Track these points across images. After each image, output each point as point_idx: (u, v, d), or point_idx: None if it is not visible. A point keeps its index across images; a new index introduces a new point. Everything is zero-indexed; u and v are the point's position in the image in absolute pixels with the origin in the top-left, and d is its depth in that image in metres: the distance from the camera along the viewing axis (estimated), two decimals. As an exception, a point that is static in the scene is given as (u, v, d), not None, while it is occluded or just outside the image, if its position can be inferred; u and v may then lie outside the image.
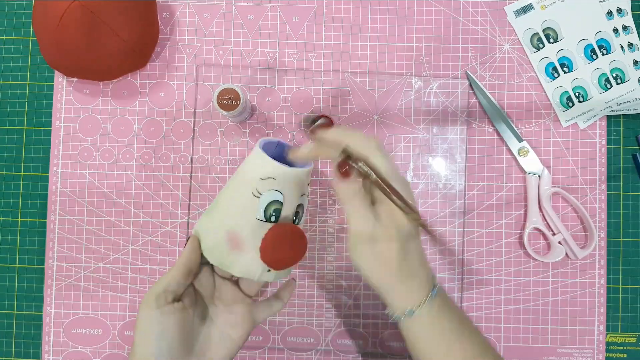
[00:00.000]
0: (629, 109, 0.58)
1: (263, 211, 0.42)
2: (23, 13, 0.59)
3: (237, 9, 0.59)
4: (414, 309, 0.41)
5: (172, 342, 0.41)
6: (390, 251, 0.40)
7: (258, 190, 0.42)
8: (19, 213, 0.58)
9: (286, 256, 0.41)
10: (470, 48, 0.59)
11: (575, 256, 0.56)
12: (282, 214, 0.42)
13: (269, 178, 0.42)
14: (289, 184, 0.42)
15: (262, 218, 0.42)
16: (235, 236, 0.42)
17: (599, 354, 0.57)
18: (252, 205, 0.42)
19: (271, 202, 0.42)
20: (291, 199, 0.43)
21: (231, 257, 0.43)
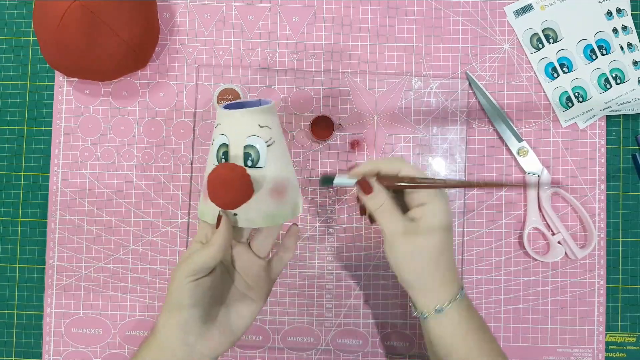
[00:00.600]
0: (629, 109, 0.58)
1: (215, 156, 0.44)
2: (23, 13, 0.59)
3: (237, 9, 0.59)
4: (443, 307, 0.44)
5: (203, 308, 0.43)
6: (428, 247, 0.44)
7: (213, 138, 0.45)
8: (20, 213, 0.58)
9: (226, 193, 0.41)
10: (470, 48, 0.59)
11: (574, 256, 0.56)
12: (229, 155, 0.43)
13: (218, 124, 0.45)
14: (232, 126, 0.43)
15: (216, 162, 0.44)
16: (203, 186, 0.45)
17: (599, 354, 0.57)
18: (211, 155, 0.45)
19: (220, 145, 0.44)
20: (237, 139, 0.43)
21: (204, 206, 0.45)
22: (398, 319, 0.57)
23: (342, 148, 0.58)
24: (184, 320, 0.42)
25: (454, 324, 0.44)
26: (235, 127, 0.43)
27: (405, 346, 0.57)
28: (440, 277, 0.44)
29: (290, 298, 0.57)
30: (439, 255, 0.44)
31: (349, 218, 0.58)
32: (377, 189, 0.45)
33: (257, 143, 0.43)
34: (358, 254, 0.57)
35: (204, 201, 0.45)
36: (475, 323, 0.45)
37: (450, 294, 0.44)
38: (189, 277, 0.42)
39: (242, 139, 0.43)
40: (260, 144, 0.43)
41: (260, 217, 0.43)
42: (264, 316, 0.57)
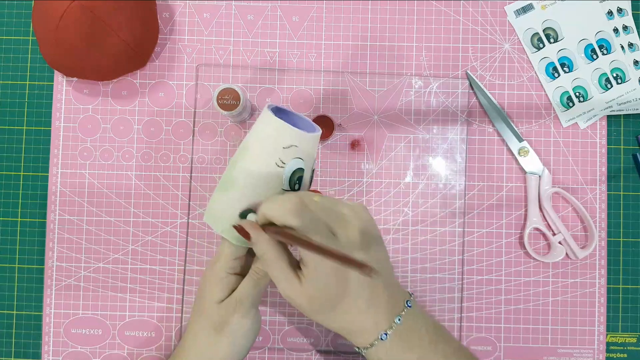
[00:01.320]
0: (630, 108, 0.58)
1: (288, 181, 0.41)
2: (23, 13, 0.59)
3: (237, 9, 0.59)
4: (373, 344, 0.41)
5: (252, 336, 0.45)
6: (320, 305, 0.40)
7: (282, 160, 0.40)
8: (19, 213, 0.58)
9: None
10: (470, 48, 0.59)
11: (575, 256, 0.56)
12: (303, 180, 0.42)
13: (292, 146, 0.40)
14: (309, 150, 0.42)
15: (287, 187, 0.41)
16: None
17: (599, 354, 0.57)
18: (276, 175, 0.40)
19: (296, 170, 0.41)
20: (309, 164, 0.42)
21: None
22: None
23: (342, 148, 0.58)
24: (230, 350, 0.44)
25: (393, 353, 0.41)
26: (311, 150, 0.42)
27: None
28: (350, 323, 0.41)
29: None
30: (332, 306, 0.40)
31: (349, 218, 0.58)
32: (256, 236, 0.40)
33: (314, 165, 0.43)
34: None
35: None
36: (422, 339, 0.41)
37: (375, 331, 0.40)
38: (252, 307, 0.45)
39: (312, 162, 0.42)
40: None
41: None
42: (264, 316, 0.57)
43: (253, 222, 0.40)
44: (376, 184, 0.58)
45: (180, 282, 0.57)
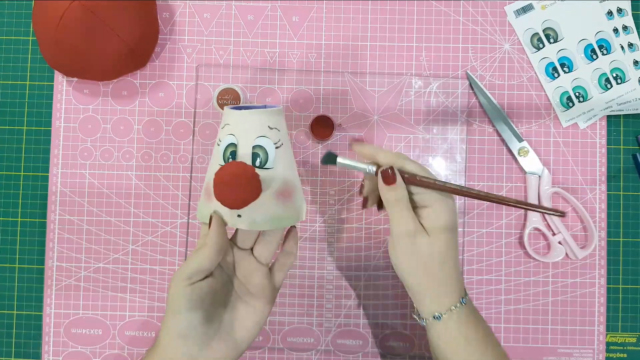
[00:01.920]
0: (629, 109, 0.58)
1: (222, 156, 0.43)
2: (23, 13, 0.59)
3: (237, 9, 0.59)
4: (442, 315, 0.44)
5: (202, 316, 0.41)
6: (432, 251, 0.43)
7: (219, 139, 0.44)
8: (19, 213, 0.58)
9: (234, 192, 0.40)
10: (470, 48, 0.59)
11: (575, 256, 0.56)
12: (237, 155, 0.43)
13: (226, 125, 0.44)
14: (242, 126, 0.43)
15: (222, 163, 0.43)
16: (207, 187, 0.44)
17: (599, 354, 0.57)
18: (218, 153, 0.44)
19: (227, 145, 0.43)
20: (246, 139, 0.43)
21: (207, 207, 0.44)
22: (398, 319, 0.57)
23: (342, 148, 0.58)
24: (183, 326, 0.41)
25: (453, 332, 0.43)
26: (246, 126, 0.43)
27: (405, 347, 0.57)
28: (441, 283, 0.44)
29: (290, 298, 0.57)
30: (441, 260, 0.43)
31: (349, 218, 0.58)
32: (400, 182, 0.44)
33: (266, 144, 0.43)
34: (358, 254, 0.57)
35: (205, 202, 0.44)
36: (477, 331, 0.44)
37: (450, 301, 0.44)
38: (185, 281, 0.41)
39: (251, 139, 0.43)
40: (269, 145, 0.43)
41: (265, 220, 0.42)
42: (263, 316, 0.57)
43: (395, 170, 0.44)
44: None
45: (181, 282, 0.57)
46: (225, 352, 0.43)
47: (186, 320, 0.41)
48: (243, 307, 0.45)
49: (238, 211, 0.42)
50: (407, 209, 0.44)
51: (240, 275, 0.45)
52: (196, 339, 0.41)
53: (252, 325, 0.44)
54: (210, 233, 0.42)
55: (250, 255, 0.46)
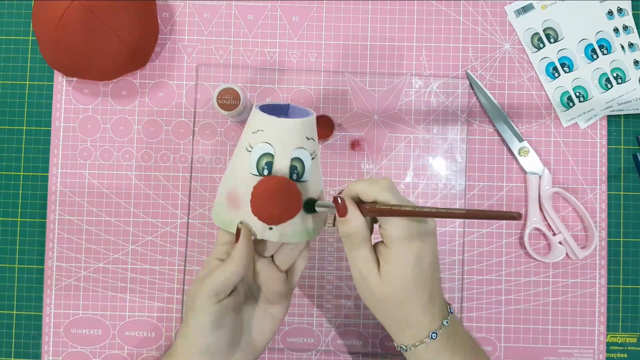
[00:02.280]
0: (630, 108, 0.58)
1: (255, 165, 0.41)
2: (23, 13, 0.59)
3: (237, 9, 0.59)
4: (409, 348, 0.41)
5: (228, 332, 0.41)
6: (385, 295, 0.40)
7: (250, 144, 0.41)
8: (19, 213, 0.58)
9: (275, 208, 0.39)
10: (470, 48, 0.59)
11: (575, 256, 0.56)
12: (274, 167, 0.40)
13: (259, 130, 0.41)
14: (280, 135, 0.40)
15: (255, 172, 0.41)
16: (233, 194, 0.42)
17: (600, 354, 0.57)
18: (246, 160, 0.41)
19: (262, 155, 0.40)
20: (284, 150, 0.40)
21: (231, 216, 0.42)
22: (398, 319, 0.57)
23: (342, 148, 0.58)
24: (206, 347, 0.40)
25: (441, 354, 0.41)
26: (285, 137, 0.40)
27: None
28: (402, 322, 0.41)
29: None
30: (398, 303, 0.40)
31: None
32: (352, 213, 0.39)
33: (304, 156, 0.41)
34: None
35: (228, 209, 0.42)
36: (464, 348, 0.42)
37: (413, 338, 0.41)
38: (212, 299, 0.39)
39: (290, 150, 0.40)
40: (306, 157, 0.41)
41: (295, 233, 0.41)
42: (263, 316, 0.57)
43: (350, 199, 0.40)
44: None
45: (180, 282, 0.57)
46: (245, 358, 0.43)
47: (213, 337, 0.40)
48: (261, 315, 0.44)
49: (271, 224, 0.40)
50: (359, 247, 0.40)
51: (261, 283, 0.44)
52: (220, 354, 0.41)
53: (269, 330, 0.44)
54: (238, 247, 0.40)
55: (271, 262, 0.45)
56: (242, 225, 0.41)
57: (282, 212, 0.39)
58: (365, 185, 0.40)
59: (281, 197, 0.39)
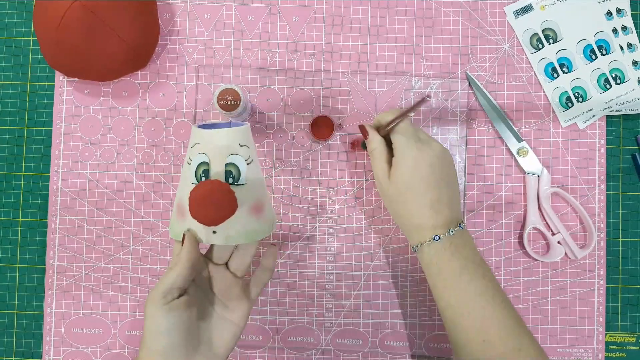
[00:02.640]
0: (628, 109, 0.58)
1: (194, 174, 0.44)
2: (23, 13, 0.59)
3: (237, 10, 0.59)
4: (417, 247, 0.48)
5: (181, 334, 0.42)
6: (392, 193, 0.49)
7: (190, 158, 0.45)
8: (20, 213, 0.58)
9: (210, 209, 0.41)
10: (470, 48, 0.59)
11: (574, 256, 0.56)
12: (210, 173, 0.44)
13: (196, 144, 0.45)
14: (213, 144, 0.44)
15: (195, 181, 0.44)
16: (180, 205, 0.45)
17: (599, 354, 0.57)
18: (189, 173, 0.45)
19: (199, 164, 0.44)
20: (218, 158, 0.44)
21: (180, 226, 0.45)
22: (398, 319, 0.57)
23: (342, 148, 0.58)
24: (163, 345, 0.41)
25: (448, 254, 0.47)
26: (217, 145, 0.44)
27: (405, 346, 0.57)
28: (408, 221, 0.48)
29: (290, 298, 0.57)
30: (403, 201, 0.48)
31: (349, 218, 0.58)
32: (372, 135, 0.51)
33: (238, 161, 0.44)
34: (358, 254, 0.57)
35: (178, 220, 0.45)
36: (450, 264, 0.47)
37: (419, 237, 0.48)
38: (160, 300, 0.41)
39: (223, 157, 0.44)
40: (240, 162, 0.44)
41: (239, 234, 0.44)
42: (264, 316, 0.57)
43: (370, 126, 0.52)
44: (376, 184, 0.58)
45: (181, 281, 0.57)
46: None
47: (166, 339, 0.41)
48: (221, 322, 0.46)
49: (213, 227, 0.43)
50: (379, 159, 0.50)
51: (217, 290, 0.46)
52: (177, 357, 0.42)
53: (230, 338, 0.46)
54: (183, 251, 0.43)
55: (225, 270, 0.47)
56: (187, 231, 0.44)
57: (218, 212, 0.42)
58: (382, 114, 0.51)
59: (215, 198, 0.41)
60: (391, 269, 0.57)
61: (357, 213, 0.58)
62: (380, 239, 0.58)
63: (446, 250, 0.47)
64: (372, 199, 0.58)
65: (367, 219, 0.58)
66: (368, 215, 0.58)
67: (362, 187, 0.58)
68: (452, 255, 0.47)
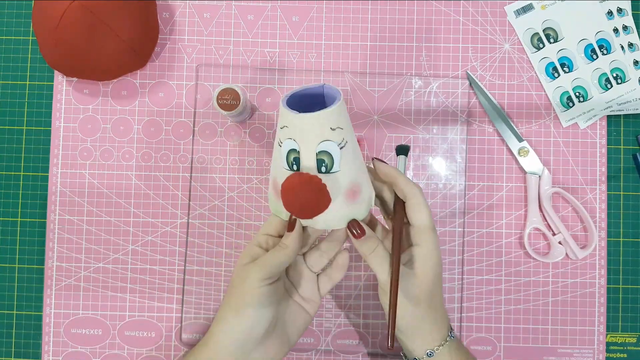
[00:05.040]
0: (629, 108, 0.58)
1: (285, 160, 0.41)
2: (23, 13, 0.59)
3: (237, 9, 0.59)
4: (435, 349, 0.44)
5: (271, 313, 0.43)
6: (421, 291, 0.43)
7: (280, 140, 0.41)
8: (19, 213, 0.58)
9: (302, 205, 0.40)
10: (470, 48, 0.59)
11: (575, 256, 0.56)
12: (301, 163, 0.41)
13: (284, 127, 0.41)
14: (301, 131, 0.40)
15: (287, 167, 0.41)
16: (275, 185, 0.43)
17: (599, 354, 0.57)
18: (280, 155, 0.42)
19: (289, 151, 0.41)
20: (307, 146, 0.40)
21: (277, 203, 0.43)
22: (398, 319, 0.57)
23: (342, 148, 0.58)
24: (250, 325, 0.41)
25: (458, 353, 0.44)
26: (305, 131, 0.40)
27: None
28: (431, 321, 0.44)
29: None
30: (430, 297, 0.43)
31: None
32: (369, 234, 0.43)
33: (330, 148, 0.40)
34: (358, 254, 0.57)
35: (275, 197, 0.43)
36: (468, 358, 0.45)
37: (441, 337, 0.44)
38: (265, 280, 0.41)
39: (313, 145, 0.40)
40: (333, 148, 0.40)
41: (338, 219, 0.42)
42: (263, 316, 0.57)
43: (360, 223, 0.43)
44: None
45: (180, 282, 0.57)
46: (279, 349, 0.44)
47: (256, 320, 0.42)
48: (296, 308, 0.46)
49: None
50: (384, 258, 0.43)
51: (292, 278, 0.47)
52: (258, 337, 0.42)
53: (302, 325, 0.46)
54: (293, 236, 0.42)
55: (302, 261, 0.47)
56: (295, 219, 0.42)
57: (310, 208, 0.40)
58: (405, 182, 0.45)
59: (306, 194, 0.39)
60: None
61: (357, 213, 0.58)
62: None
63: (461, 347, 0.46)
64: (372, 199, 0.58)
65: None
66: (368, 215, 0.58)
67: (362, 187, 0.58)
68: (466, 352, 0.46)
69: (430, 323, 0.44)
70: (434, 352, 0.43)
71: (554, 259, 0.56)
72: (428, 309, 0.43)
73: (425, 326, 0.44)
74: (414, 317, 0.43)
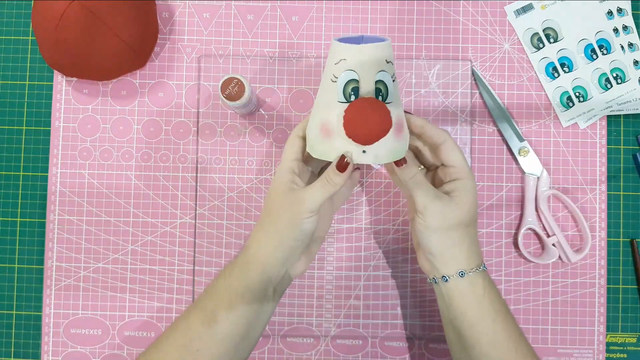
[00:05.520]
0: (629, 108, 0.58)
1: (342, 93, 0.43)
2: (23, 13, 0.59)
3: (236, 9, 0.59)
4: (465, 272, 0.45)
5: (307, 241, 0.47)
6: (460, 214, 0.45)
7: (334, 75, 0.43)
8: (19, 213, 0.58)
9: (368, 127, 0.41)
10: (470, 48, 0.59)
11: (568, 259, 0.56)
12: (360, 91, 0.43)
13: (341, 60, 0.43)
14: (362, 61, 0.43)
15: (343, 99, 0.43)
16: (325, 124, 0.44)
17: (599, 354, 0.57)
18: (333, 91, 0.43)
19: (347, 82, 0.43)
20: (367, 75, 0.43)
21: (326, 145, 0.44)
22: (398, 319, 0.57)
23: (342, 148, 0.58)
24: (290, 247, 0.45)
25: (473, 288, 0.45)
26: (365, 62, 0.43)
27: (405, 346, 0.57)
28: (465, 248, 0.45)
29: (289, 298, 0.57)
30: (467, 228, 0.45)
31: (349, 218, 0.58)
32: (410, 162, 0.46)
33: (386, 78, 0.43)
34: (358, 254, 0.57)
35: (323, 139, 0.44)
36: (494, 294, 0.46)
37: (474, 264, 0.46)
38: (312, 213, 0.44)
39: (372, 74, 0.43)
40: (388, 79, 0.43)
41: (386, 153, 0.43)
42: (263, 316, 0.57)
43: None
44: (376, 184, 0.58)
45: (181, 282, 0.57)
46: (303, 267, 0.48)
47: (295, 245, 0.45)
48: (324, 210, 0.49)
49: (363, 147, 0.43)
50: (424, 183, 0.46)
51: None
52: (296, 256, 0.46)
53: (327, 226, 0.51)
54: (343, 176, 0.44)
55: None
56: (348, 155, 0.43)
57: (376, 130, 0.42)
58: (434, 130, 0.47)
59: (373, 115, 0.41)
60: (391, 270, 0.57)
61: (357, 213, 0.58)
62: (380, 240, 0.57)
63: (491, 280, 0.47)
64: (372, 199, 0.58)
65: (367, 219, 0.58)
66: (368, 215, 0.58)
67: (362, 187, 0.58)
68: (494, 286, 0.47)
69: (465, 250, 0.45)
70: (466, 272, 0.45)
71: (546, 260, 0.56)
72: (465, 236, 0.45)
73: (459, 251, 0.45)
74: (449, 240, 0.45)
